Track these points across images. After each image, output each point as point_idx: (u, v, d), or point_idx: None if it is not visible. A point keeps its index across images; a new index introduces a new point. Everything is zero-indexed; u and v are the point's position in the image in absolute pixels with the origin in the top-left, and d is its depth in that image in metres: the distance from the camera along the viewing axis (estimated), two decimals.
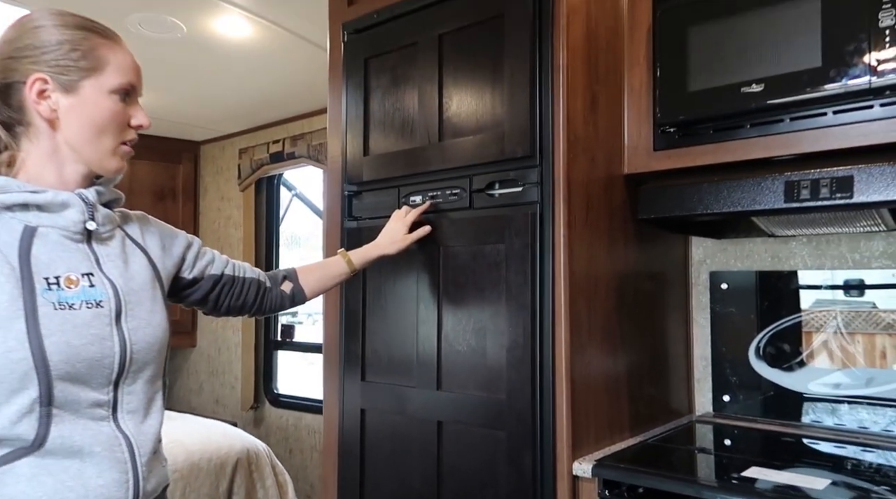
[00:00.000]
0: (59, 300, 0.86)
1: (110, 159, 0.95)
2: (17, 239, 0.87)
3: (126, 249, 0.99)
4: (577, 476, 1.28)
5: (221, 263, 1.22)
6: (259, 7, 2.15)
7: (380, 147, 1.61)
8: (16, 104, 0.91)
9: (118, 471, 0.89)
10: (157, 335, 0.97)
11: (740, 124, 1.33)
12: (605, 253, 1.44)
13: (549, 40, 1.33)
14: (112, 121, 0.94)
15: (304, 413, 3.38)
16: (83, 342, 0.86)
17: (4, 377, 0.81)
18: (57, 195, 0.90)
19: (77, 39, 0.91)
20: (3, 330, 0.81)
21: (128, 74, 0.95)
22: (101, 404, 0.90)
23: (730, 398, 1.66)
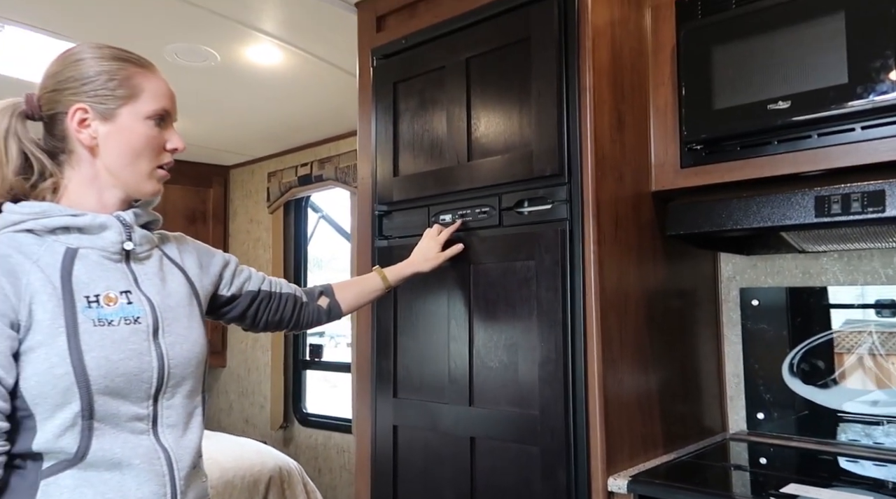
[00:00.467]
0: (99, 317, 0.90)
1: (147, 182, 1.00)
2: (59, 260, 0.91)
3: (163, 268, 1.03)
4: (613, 492, 1.27)
5: (258, 279, 1.26)
6: (289, 35, 2.23)
7: (409, 168, 1.65)
8: (59, 134, 0.97)
9: (157, 484, 0.92)
10: (194, 351, 1.00)
11: (767, 141, 1.34)
12: (634, 269, 1.45)
13: (576, 62, 1.37)
14: (148, 145, 0.98)
15: (332, 432, 3.40)
16: (122, 357, 0.90)
17: (48, 392, 0.85)
18: (96, 218, 0.95)
19: (114, 69, 0.97)
20: (46, 347, 0.85)
21: (162, 100, 1.00)
22: (141, 418, 0.92)
23: (764, 416, 1.64)
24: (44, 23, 2.08)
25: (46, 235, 0.92)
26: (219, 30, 2.16)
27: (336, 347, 4.13)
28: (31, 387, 0.85)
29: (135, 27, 2.13)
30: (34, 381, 0.85)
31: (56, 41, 2.18)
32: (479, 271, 1.49)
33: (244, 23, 2.12)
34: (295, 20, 2.12)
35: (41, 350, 0.85)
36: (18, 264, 0.88)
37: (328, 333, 4.17)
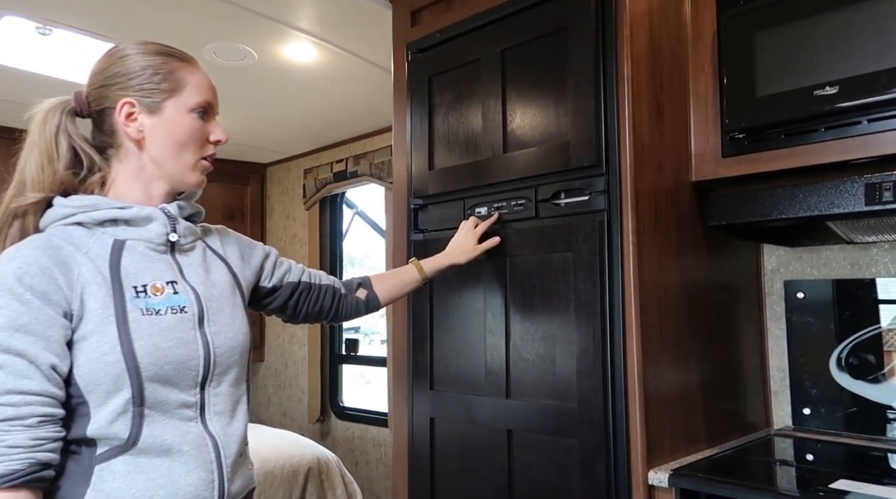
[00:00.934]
0: (147, 307, 0.92)
1: (191, 174, 1.02)
2: (108, 251, 0.94)
3: (207, 259, 1.06)
4: (653, 486, 1.26)
5: (298, 271, 1.28)
6: (325, 32, 2.25)
7: (444, 161, 1.65)
8: (107, 129, 1.00)
9: (205, 470, 0.94)
10: (238, 339, 1.02)
11: (814, 128, 1.30)
12: (674, 261, 1.43)
13: (613, 51, 1.35)
14: (192, 137, 1.01)
15: (368, 426, 3.44)
16: (169, 345, 0.92)
17: (100, 379, 0.88)
18: (142, 210, 0.97)
19: (158, 64, 0.99)
20: (98, 335, 0.88)
21: (204, 93, 1.02)
22: (189, 405, 0.94)
23: (810, 411, 1.60)
24: (88, 25, 2.15)
25: (95, 227, 0.95)
26: (256, 28, 2.19)
27: (370, 344, 4.17)
28: (84, 374, 0.88)
29: (176, 27, 2.18)
30: (87, 368, 0.88)
31: (100, 43, 2.24)
32: (515, 264, 1.48)
33: (281, 20, 2.15)
34: (331, 17, 2.14)
35: (93, 339, 0.88)
36: (70, 256, 0.91)
37: (363, 329, 4.21)
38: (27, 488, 0.83)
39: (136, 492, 0.89)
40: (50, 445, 0.86)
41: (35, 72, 2.49)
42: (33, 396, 0.85)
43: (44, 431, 0.85)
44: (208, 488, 0.94)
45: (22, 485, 0.82)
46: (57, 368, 0.87)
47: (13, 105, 2.90)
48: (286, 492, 2.34)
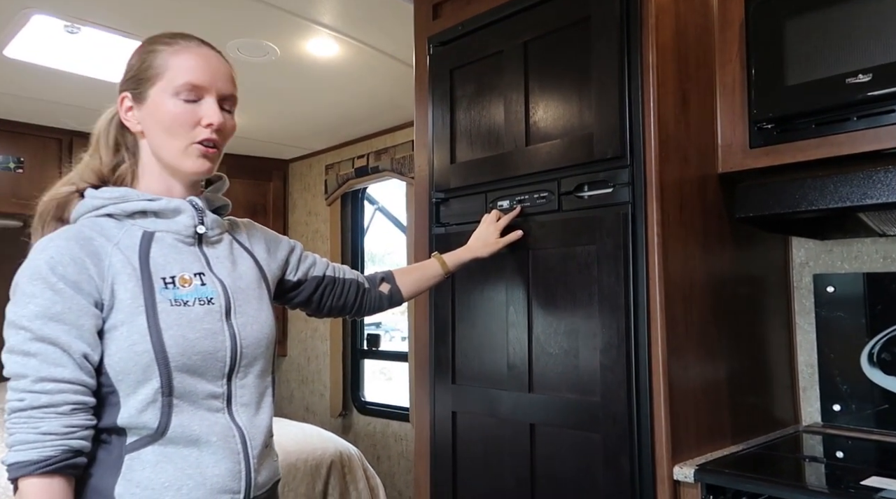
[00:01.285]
0: (175, 298, 0.93)
1: (183, 159, 0.98)
2: (138, 243, 0.95)
3: (234, 252, 1.06)
4: (679, 481, 1.24)
5: (323, 265, 1.28)
6: (347, 26, 2.25)
7: (466, 154, 1.65)
8: (125, 125, 1.03)
9: (232, 461, 0.94)
10: (264, 331, 1.02)
11: (846, 117, 1.27)
12: (700, 254, 1.41)
13: (638, 40, 1.33)
14: (176, 120, 0.96)
15: (390, 421, 3.45)
16: (197, 336, 0.93)
17: (130, 369, 0.89)
18: (170, 202, 0.98)
19: (144, 54, 0.99)
20: (128, 325, 0.89)
21: (188, 74, 0.96)
22: (217, 396, 0.95)
23: (840, 408, 1.57)
24: (116, 23, 2.18)
25: (125, 218, 0.97)
26: (279, 24, 2.20)
27: (391, 340, 4.18)
28: (114, 363, 0.89)
29: (200, 24, 2.20)
30: (117, 358, 0.89)
31: (127, 40, 2.27)
32: (537, 257, 1.47)
33: (303, 16, 2.16)
34: (353, 11, 2.14)
35: (123, 328, 0.89)
36: (101, 247, 0.92)
37: (384, 326, 4.22)
38: (60, 475, 0.84)
39: (165, 481, 0.89)
40: (82, 432, 0.87)
41: (63, 70, 2.54)
42: (66, 384, 0.86)
43: (76, 418, 0.86)
44: (235, 478, 0.94)
45: (55, 471, 0.83)
46: (89, 356, 0.88)
47: (42, 103, 2.95)
48: (309, 485, 2.36)
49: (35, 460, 0.83)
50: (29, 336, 0.86)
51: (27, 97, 2.88)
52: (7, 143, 3.19)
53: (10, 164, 3.20)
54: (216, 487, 0.92)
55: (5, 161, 3.19)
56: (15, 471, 0.83)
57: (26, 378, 0.85)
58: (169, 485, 0.90)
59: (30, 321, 0.86)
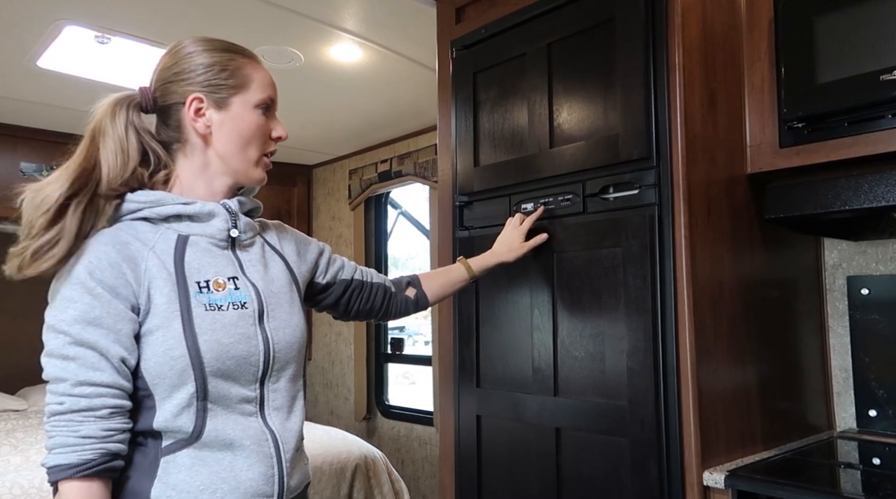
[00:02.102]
0: (209, 302, 0.93)
1: (254, 169, 1.03)
2: (173, 247, 0.95)
3: (265, 255, 1.06)
4: (709, 487, 1.22)
5: (351, 268, 1.28)
6: (370, 32, 2.27)
7: (489, 157, 1.64)
8: (174, 124, 1.00)
9: (265, 465, 0.95)
10: (296, 335, 1.02)
11: (880, 114, 1.24)
12: (728, 256, 1.38)
13: (664, 40, 1.31)
14: (256, 133, 1.01)
15: (414, 425, 3.45)
16: (231, 341, 0.93)
17: (165, 374, 0.89)
18: (204, 206, 0.98)
19: (224, 60, 1.00)
20: (163, 330, 0.89)
21: (268, 90, 1.03)
22: (250, 401, 0.95)
23: (877, 413, 1.52)
24: (144, 33, 2.22)
25: (160, 222, 0.97)
26: (303, 31, 2.23)
27: (414, 345, 4.19)
28: (150, 368, 0.90)
29: (225, 32, 2.22)
30: (153, 362, 0.89)
31: (156, 49, 2.32)
32: (562, 260, 1.46)
33: (327, 22, 2.18)
34: (376, 17, 2.16)
35: (159, 333, 0.90)
36: (137, 251, 0.92)
37: (407, 330, 4.23)
38: (99, 478, 0.85)
39: (200, 485, 0.90)
40: (120, 436, 0.88)
41: (94, 79, 2.60)
42: (104, 388, 0.86)
43: (114, 422, 0.87)
44: (269, 482, 0.95)
45: (94, 475, 0.84)
46: (126, 361, 0.88)
47: (74, 113, 3.02)
48: (334, 488, 2.37)
49: (75, 464, 0.83)
50: (68, 340, 0.86)
51: (59, 107, 2.95)
52: (40, 152, 3.27)
53: (44, 172, 3.28)
54: (250, 490, 0.93)
55: (39, 169, 3.27)
56: (55, 474, 0.84)
57: (66, 382, 0.86)
58: (204, 488, 0.90)
59: (69, 325, 0.86)
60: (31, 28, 2.17)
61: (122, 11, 2.08)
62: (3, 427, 2.76)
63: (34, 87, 2.71)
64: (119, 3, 2.03)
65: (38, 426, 2.79)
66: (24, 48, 2.32)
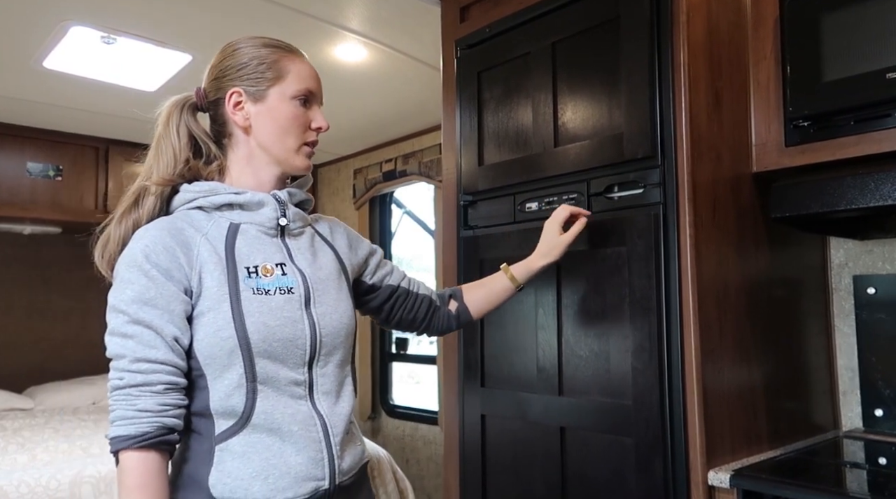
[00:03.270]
0: (257, 286, 0.97)
1: (295, 157, 1.07)
2: (224, 234, 1.00)
3: (315, 245, 1.10)
4: (714, 486, 1.21)
5: (399, 275, 1.29)
6: (374, 31, 2.27)
7: (494, 157, 1.64)
8: (220, 119, 1.07)
9: (314, 450, 0.98)
10: (343, 322, 1.06)
11: (886, 113, 1.23)
12: (734, 255, 1.38)
13: (668, 39, 1.31)
14: (294, 122, 1.05)
15: (419, 424, 3.45)
16: (278, 324, 0.96)
17: (216, 354, 0.94)
18: (255, 195, 1.03)
19: (264, 55, 1.05)
20: (214, 312, 0.94)
21: (306, 82, 1.07)
22: (299, 384, 0.99)
23: (883, 413, 1.52)
24: (150, 33, 2.23)
25: (213, 211, 1.02)
26: (307, 30, 2.23)
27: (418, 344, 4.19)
28: (202, 348, 0.94)
29: (230, 32, 2.22)
30: (205, 343, 0.94)
31: (161, 50, 2.33)
32: (566, 259, 1.45)
33: (331, 21, 2.18)
34: (380, 16, 2.16)
35: (209, 315, 0.94)
36: (191, 237, 0.98)
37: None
38: (155, 450, 0.90)
39: (252, 471, 0.94)
40: (174, 411, 0.92)
41: (100, 80, 2.61)
42: (160, 364, 0.91)
43: (169, 397, 0.91)
44: (318, 466, 0.98)
45: (150, 446, 0.89)
46: (179, 340, 0.93)
47: (80, 113, 3.04)
48: None
49: (133, 435, 0.88)
50: (126, 319, 0.92)
51: (65, 107, 2.96)
52: (47, 151, 3.29)
53: (50, 172, 3.30)
54: (300, 475, 0.96)
55: (45, 169, 3.29)
56: (115, 444, 0.89)
57: (125, 358, 0.91)
58: (256, 475, 0.94)
59: (127, 305, 0.92)
60: (37, 29, 2.18)
61: (127, 12, 2.08)
62: (10, 426, 2.78)
63: (40, 88, 2.73)
64: (125, 4, 2.04)
65: (44, 425, 2.80)
66: (30, 49, 2.33)
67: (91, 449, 2.41)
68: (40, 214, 3.24)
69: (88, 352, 3.76)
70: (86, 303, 3.77)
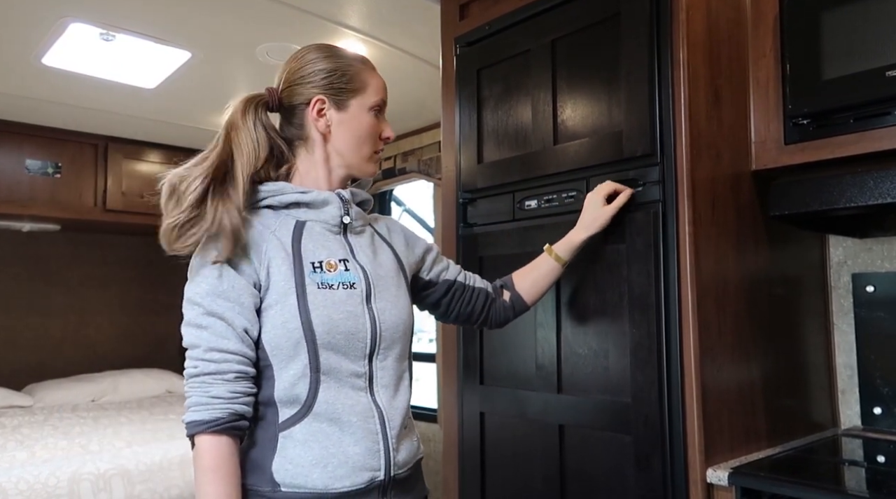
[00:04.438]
0: (322, 281, 1.01)
1: (367, 164, 1.12)
2: (291, 231, 1.04)
3: (374, 243, 1.14)
4: (712, 484, 1.22)
5: (455, 270, 1.31)
6: (373, 29, 2.27)
7: (493, 154, 1.64)
8: (297, 122, 1.10)
9: (371, 440, 1.01)
10: (402, 317, 1.09)
11: (886, 111, 1.23)
12: (733, 253, 1.38)
13: (668, 36, 1.31)
14: (369, 133, 1.11)
15: (418, 422, 3.46)
16: (341, 317, 1.00)
17: (282, 345, 0.98)
18: (320, 194, 1.07)
19: (344, 66, 1.09)
20: (281, 305, 0.98)
21: (381, 94, 1.13)
22: (360, 376, 1.02)
23: (881, 411, 1.52)
24: (149, 30, 2.23)
25: (281, 209, 1.06)
26: (307, 27, 2.23)
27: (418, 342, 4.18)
28: (270, 339, 0.98)
29: (230, 29, 2.24)
30: (272, 334, 0.98)
31: (160, 47, 2.32)
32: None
33: (331, 19, 2.18)
34: (380, 13, 2.15)
35: (277, 307, 0.98)
36: (260, 234, 1.02)
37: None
38: (227, 434, 0.94)
39: (312, 459, 0.97)
40: (244, 398, 0.96)
41: (99, 76, 2.60)
42: (231, 354, 0.96)
43: (239, 386, 0.96)
44: (374, 457, 1.00)
45: (223, 431, 0.93)
46: (249, 331, 0.97)
47: (79, 110, 3.04)
48: None
49: (207, 420, 0.93)
50: (201, 311, 0.96)
51: (64, 104, 2.96)
52: (46, 148, 3.28)
53: (49, 169, 3.30)
54: (358, 464, 0.99)
55: (44, 166, 3.28)
56: (191, 428, 0.94)
57: (199, 348, 0.96)
58: (316, 462, 0.97)
59: (202, 298, 0.97)
60: (37, 25, 2.18)
61: (126, 8, 2.08)
62: (9, 423, 2.78)
63: (39, 85, 2.72)
64: (124, 1, 2.03)
65: (43, 423, 2.80)
66: (29, 45, 2.33)
67: (90, 446, 2.41)
68: (39, 211, 3.24)
69: (87, 349, 3.77)
70: (85, 300, 3.77)
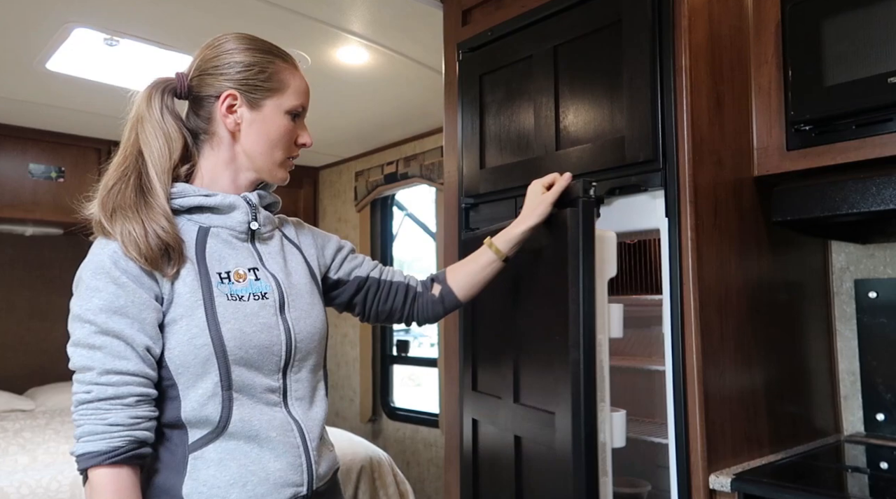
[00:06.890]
0: (231, 292, 0.94)
1: (278, 170, 1.04)
2: (194, 238, 0.96)
3: (284, 249, 1.07)
4: (715, 490, 1.21)
5: (369, 266, 1.22)
6: (377, 34, 2.28)
7: (496, 160, 1.65)
8: (205, 115, 1.01)
9: (292, 455, 0.95)
10: (316, 326, 1.03)
11: (888, 117, 1.24)
12: (735, 259, 1.38)
13: (670, 43, 1.31)
14: (285, 136, 1.03)
15: (419, 426, 3.45)
16: (253, 330, 0.94)
17: (189, 362, 0.90)
18: (225, 198, 0.99)
19: (264, 62, 1.01)
20: (187, 319, 0.90)
21: (301, 97, 1.04)
22: (274, 390, 0.96)
23: (884, 417, 1.51)
24: (153, 35, 2.24)
25: (182, 214, 0.97)
26: (310, 33, 2.24)
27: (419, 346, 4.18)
28: (174, 357, 0.90)
29: None
30: (177, 351, 0.90)
31: (164, 52, 2.33)
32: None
33: (334, 24, 2.19)
34: (382, 19, 2.16)
35: (182, 322, 0.91)
36: None
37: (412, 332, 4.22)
38: (128, 465, 0.86)
39: (229, 479, 0.91)
40: (146, 423, 0.88)
41: (103, 82, 2.61)
42: (131, 376, 0.87)
43: (141, 410, 0.88)
44: (297, 471, 0.96)
45: (122, 461, 0.85)
46: (151, 349, 0.89)
47: (83, 115, 3.05)
48: None
49: (104, 451, 0.84)
50: (94, 329, 0.87)
51: (68, 109, 2.97)
52: (49, 153, 3.30)
53: (53, 173, 3.31)
54: (279, 481, 0.94)
55: (47, 171, 3.29)
56: (84, 461, 0.85)
57: (92, 371, 0.87)
58: (234, 482, 0.91)
59: (94, 315, 0.87)
60: (41, 31, 2.19)
61: (130, 14, 2.09)
62: (11, 427, 2.78)
63: (43, 90, 2.73)
64: (127, 6, 2.04)
65: (45, 426, 2.80)
66: (33, 51, 2.34)
67: None
68: (42, 215, 3.25)
69: None
70: None
